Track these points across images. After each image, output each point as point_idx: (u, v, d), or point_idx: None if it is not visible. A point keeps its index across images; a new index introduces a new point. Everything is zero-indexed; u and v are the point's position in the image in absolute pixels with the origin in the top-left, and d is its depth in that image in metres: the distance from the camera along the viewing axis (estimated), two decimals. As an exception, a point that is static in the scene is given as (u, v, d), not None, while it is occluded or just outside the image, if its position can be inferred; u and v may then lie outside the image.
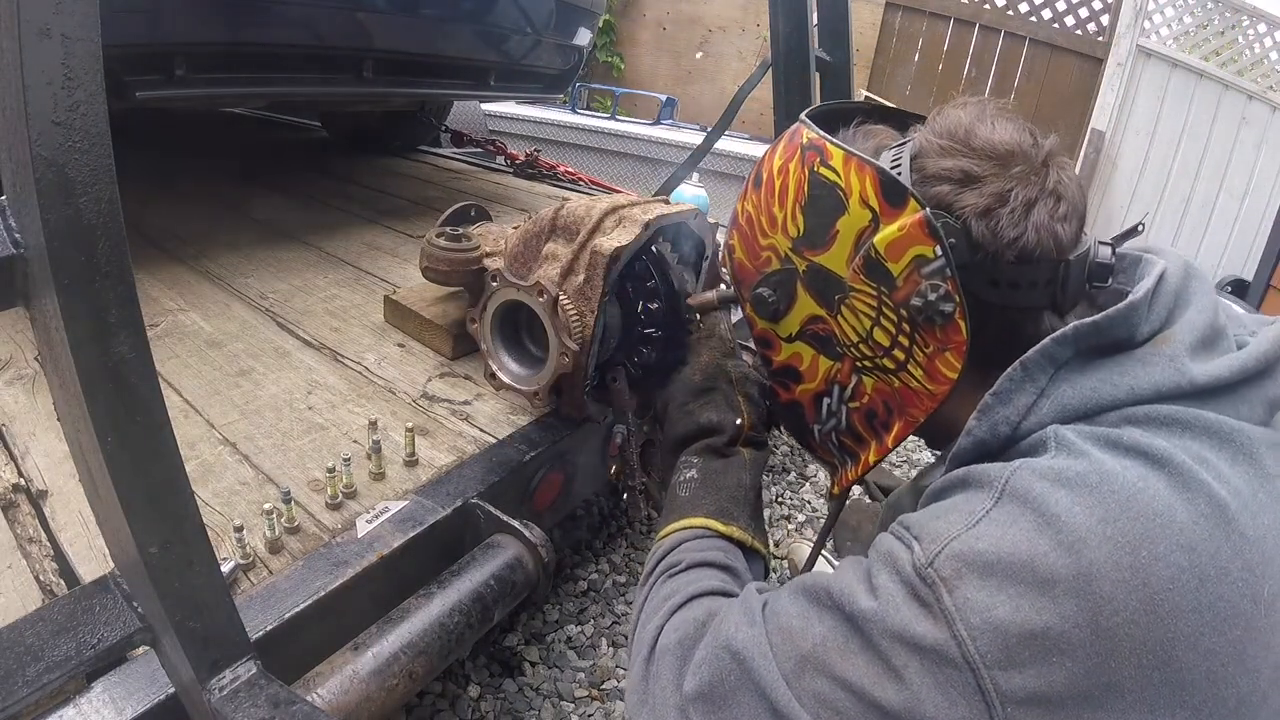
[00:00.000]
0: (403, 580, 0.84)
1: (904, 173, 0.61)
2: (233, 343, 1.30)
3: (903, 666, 0.48)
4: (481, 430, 1.12)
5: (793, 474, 2.01)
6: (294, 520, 0.86)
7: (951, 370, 0.60)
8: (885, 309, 0.62)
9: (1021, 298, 0.59)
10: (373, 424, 0.97)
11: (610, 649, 1.36)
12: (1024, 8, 5.16)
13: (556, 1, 2.20)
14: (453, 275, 1.18)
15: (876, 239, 0.60)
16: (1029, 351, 0.55)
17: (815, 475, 2.01)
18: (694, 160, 2.32)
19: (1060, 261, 0.58)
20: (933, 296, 0.58)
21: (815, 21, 1.88)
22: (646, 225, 1.01)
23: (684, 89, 6.26)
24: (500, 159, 3.11)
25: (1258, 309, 3.28)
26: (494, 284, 1.06)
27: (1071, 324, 0.55)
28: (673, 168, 2.55)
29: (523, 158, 2.93)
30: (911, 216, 0.58)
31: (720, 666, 0.57)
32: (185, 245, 1.76)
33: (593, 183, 2.94)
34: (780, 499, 1.89)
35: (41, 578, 0.77)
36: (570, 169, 2.97)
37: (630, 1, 6.56)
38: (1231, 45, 4.49)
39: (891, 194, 0.60)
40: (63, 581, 0.77)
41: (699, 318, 0.96)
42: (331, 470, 0.90)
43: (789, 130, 0.71)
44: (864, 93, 5.39)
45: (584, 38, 2.45)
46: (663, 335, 1.02)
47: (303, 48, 1.70)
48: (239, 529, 0.80)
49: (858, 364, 0.68)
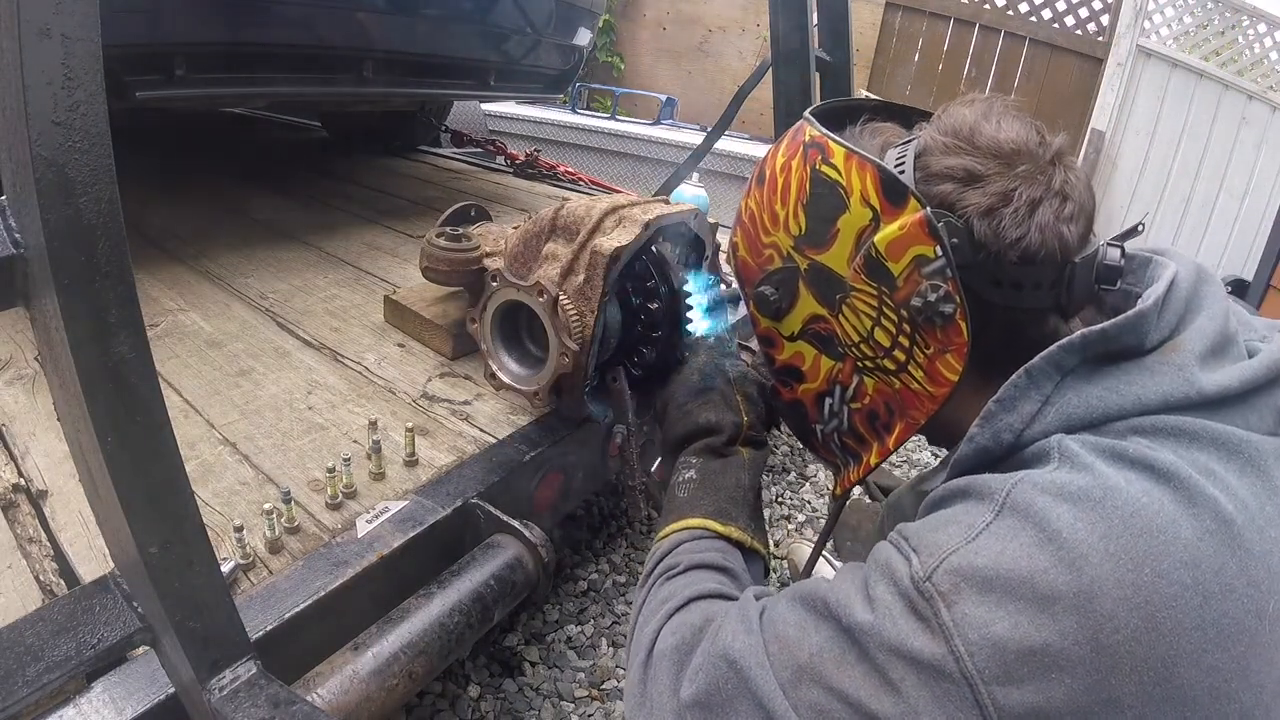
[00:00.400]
0: (403, 580, 0.84)
1: (908, 171, 0.60)
2: (233, 343, 1.30)
3: (899, 680, 0.48)
4: (481, 430, 1.12)
5: (793, 474, 2.01)
6: (294, 520, 0.86)
7: (952, 372, 0.59)
8: (886, 309, 0.62)
9: (1025, 299, 0.58)
10: (373, 424, 0.97)
11: (610, 649, 1.36)
12: (1024, 8, 5.16)
13: (556, 1, 2.20)
14: (453, 275, 1.18)
15: (877, 238, 0.60)
16: (1034, 359, 0.54)
17: (815, 475, 2.01)
18: (694, 160, 2.32)
19: (1066, 263, 0.57)
20: (933, 297, 0.57)
21: (815, 21, 1.88)
22: (646, 225, 1.01)
23: (684, 89, 6.26)
24: (500, 159, 3.12)
25: (1258, 309, 3.28)
26: (494, 284, 1.06)
27: (1079, 331, 0.54)
28: (673, 168, 2.55)
29: (523, 158, 2.94)
30: (912, 215, 0.58)
31: (717, 674, 0.56)
32: (185, 245, 1.76)
33: (593, 183, 2.94)
34: (780, 499, 1.89)
35: (41, 578, 0.77)
36: (570, 169, 2.97)
37: (630, 1, 6.56)
38: (1231, 45, 4.49)
39: (892, 192, 0.59)
40: (63, 581, 0.77)
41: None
42: (331, 470, 0.90)
43: (793, 127, 0.71)
44: (864, 93, 5.39)
45: (584, 38, 2.45)
46: (663, 335, 1.02)
47: (303, 48, 1.71)
48: (239, 529, 0.80)
49: (859, 364, 0.67)
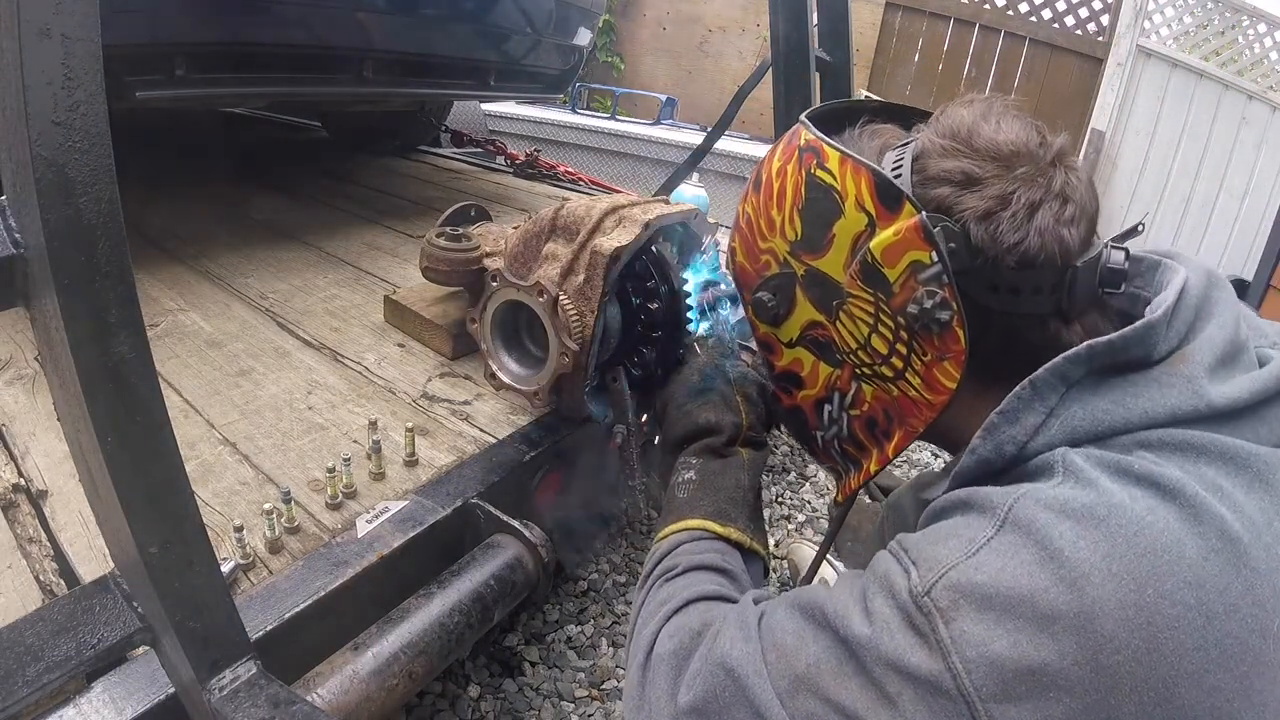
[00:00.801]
0: (403, 580, 0.84)
1: (905, 174, 0.59)
2: (233, 343, 1.30)
3: (896, 694, 0.48)
4: (481, 430, 1.12)
5: (793, 474, 2.01)
6: (294, 520, 0.86)
7: (950, 380, 0.59)
8: (883, 316, 0.61)
9: (1025, 304, 0.57)
10: (373, 424, 0.97)
11: (610, 649, 1.36)
12: (1024, 8, 5.17)
13: (556, 1, 2.20)
14: (453, 275, 1.18)
15: (872, 244, 0.59)
16: (1039, 370, 0.53)
17: (815, 475, 2.01)
18: (694, 160, 2.32)
19: (1066, 267, 0.56)
20: (929, 304, 0.56)
21: (815, 21, 1.88)
22: (646, 225, 1.01)
23: (684, 89, 6.26)
24: (500, 159, 3.12)
25: (1258, 309, 3.28)
26: (494, 284, 1.06)
27: (1085, 343, 0.53)
28: (673, 168, 2.55)
29: (523, 158, 2.94)
30: (907, 221, 0.57)
31: (715, 682, 0.56)
32: (185, 245, 1.75)
33: (593, 183, 2.94)
34: (780, 499, 1.89)
35: (41, 578, 0.77)
36: (570, 169, 2.97)
37: (630, 1, 6.56)
38: (1231, 45, 4.49)
39: (887, 197, 0.58)
40: (63, 581, 0.77)
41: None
42: (331, 470, 0.90)
43: (789, 131, 0.70)
44: (864, 93, 5.39)
45: (584, 38, 2.45)
46: (663, 335, 1.02)
47: (303, 48, 1.70)
48: (239, 529, 0.80)
49: (857, 371, 0.67)
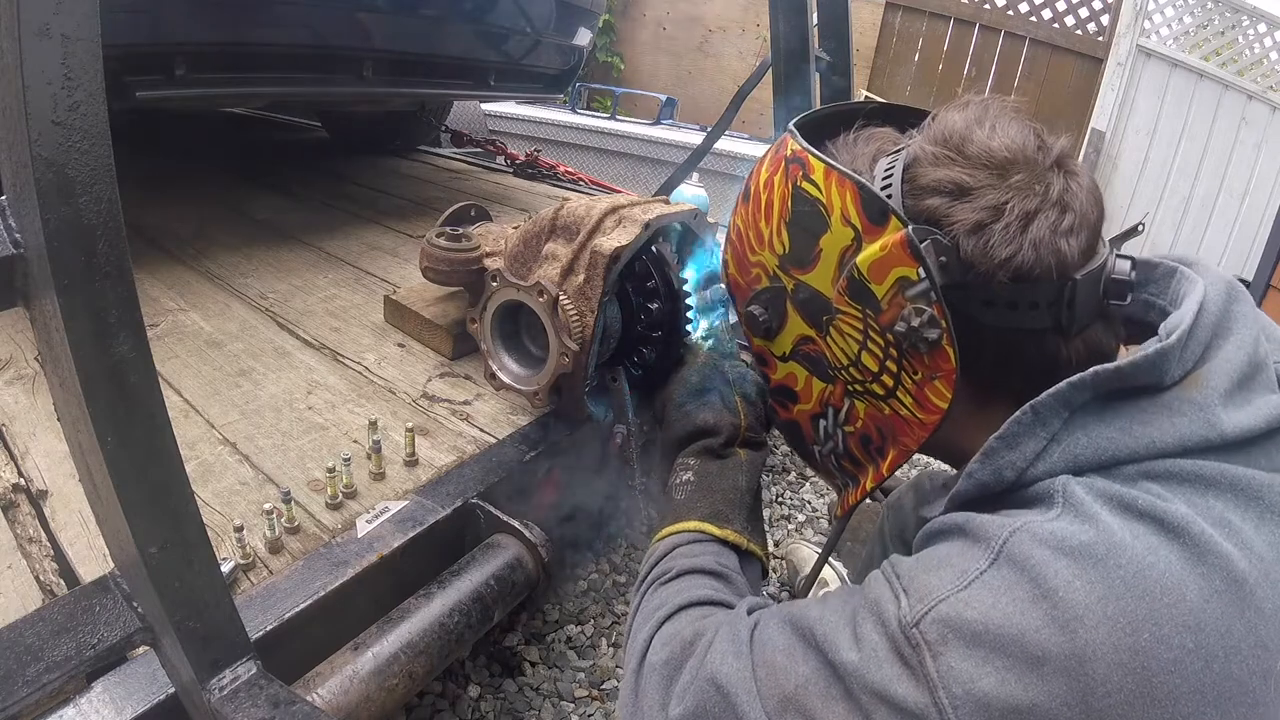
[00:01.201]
0: (403, 580, 0.84)
1: (895, 185, 0.56)
2: (233, 343, 1.30)
3: None
4: (481, 430, 1.12)
5: (793, 474, 2.01)
6: (294, 520, 0.86)
7: (941, 399, 0.56)
8: (872, 333, 0.59)
9: (1021, 320, 0.54)
10: (373, 424, 0.97)
11: (610, 649, 1.35)
12: (1024, 8, 5.17)
13: (556, 1, 2.20)
14: (453, 275, 1.18)
15: (859, 259, 0.57)
16: (1042, 395, 0.51)
17: (815, 475, 2.01)
18: (694, 160, 2.32)
19: (1066, 280, 0.53)
20: (916, 322, 0.54)
21: (815, 21, 1.88)
22: (646, 225, 1.01)
23: (684, 89, 6.26)
24: (500, 159, 3.12)
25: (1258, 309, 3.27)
26: (494, 284, 1.06)
27: (1091, 369, 0.50)
28: (673, 168, 2.55)
29: (523, 158, 2.94)
30: (893, 235, 0.54)
31: (705, 698, 0.56)
32: (185, 245, 1.75)
33: (593, 183, 2.94)
34: (780, 499, 1.89)
35: (41, 578, 0.77)
36: (570, 169, 2.97)
37: (630, 1, 6.56)
38: (1231, 45, 4.50)
39: (872, 210, 0.56)
40: (63, 581, 0.77)
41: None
42: (331, 470, 0.90)
43: (778, 140, 0.68)
44: (864, 93, 5.39)
45: (584, 38, 2.45)
46: (662, 335, 1.02)
47: (303, 48, 1.70)
48: (239, 529, 0.80)
49: (849, 388, 0.65)
